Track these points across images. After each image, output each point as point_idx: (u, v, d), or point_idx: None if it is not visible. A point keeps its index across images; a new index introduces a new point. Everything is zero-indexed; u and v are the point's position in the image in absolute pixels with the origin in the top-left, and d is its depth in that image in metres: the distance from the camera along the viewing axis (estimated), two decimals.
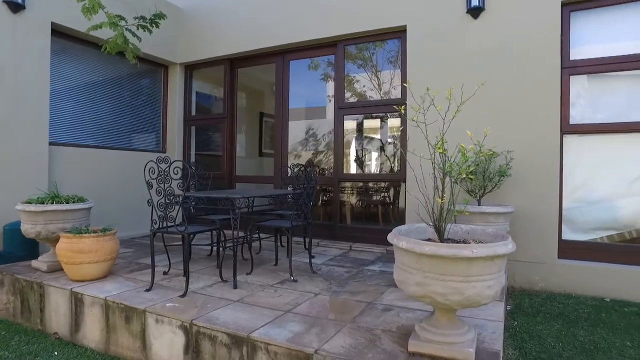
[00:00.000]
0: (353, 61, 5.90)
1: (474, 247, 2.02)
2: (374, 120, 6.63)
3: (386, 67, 5.78)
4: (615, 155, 4.40)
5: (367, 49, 5.84)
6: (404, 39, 5.20)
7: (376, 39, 5.56)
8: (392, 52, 5.64)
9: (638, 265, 4.14)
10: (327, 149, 7.44)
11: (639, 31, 4.31)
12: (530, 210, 4.41)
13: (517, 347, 3.04)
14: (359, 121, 6.55)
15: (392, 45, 5.59)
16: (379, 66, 5.82)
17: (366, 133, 6.86)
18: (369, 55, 5.88)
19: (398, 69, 5.53)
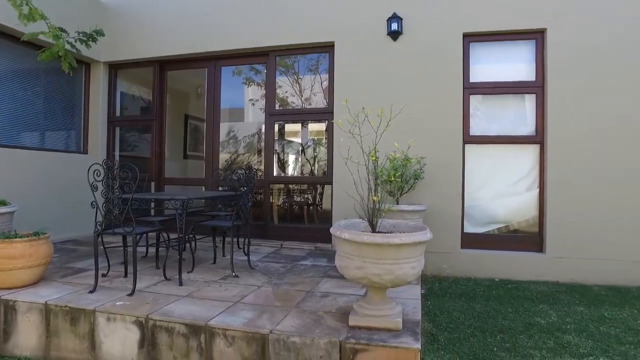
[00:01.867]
0: (284, 71, 6.28)
1: (402, 236, 2.53)
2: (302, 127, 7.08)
3: (315, 78, 6.26)
4: (504, 162, 5.36)
5: (298, 61, 6.27)
6: (332, 53, 5.72)
7: (306, 51, 6.02)
8: (322, 64, 6.13)
9: (517, 251, 5.15)
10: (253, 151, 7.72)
11: (519, 62, 5.33)
12: (439, 208, 5.16)
13: (431, 320, 3.66)
14: (288, 127, 6.96)
15: (321, 59, 6.09)
16: (308, 76, 6.29)
17: (294, 138, 7.28)
18: (299, 66, 6.31)
19: (326, 81, 6.04)
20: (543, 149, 5.11)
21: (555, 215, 4.98)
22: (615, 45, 4.88)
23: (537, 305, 4.08)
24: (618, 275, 4.79)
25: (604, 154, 4.88)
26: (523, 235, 5.27)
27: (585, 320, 3.69)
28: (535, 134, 5.18)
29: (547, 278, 4.94)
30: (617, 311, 3.93)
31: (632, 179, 4.81)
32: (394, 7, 5.36)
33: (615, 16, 4.88)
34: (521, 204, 5.31)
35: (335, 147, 5.50)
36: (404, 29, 5.35)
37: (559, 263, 4.94)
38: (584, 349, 3.14)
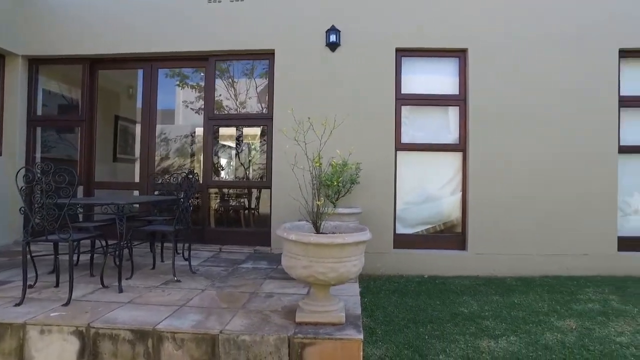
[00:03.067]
0: (224, 75, 6.29)
1: (345, 236, 2.74)
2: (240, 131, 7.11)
3: (254, 83, 6.35)
4: (432, 168, 5.86)
5: (238, 66, 6.32)
6: (272, 60, 5.84)
7: (247, 57, 6.10)
8: (262, 71, 6.24)
9: (444, 249, 5.64)
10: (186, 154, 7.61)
11: (445, 77, 5.85)
12: (373, 210, 5.49)
13: (368, 315, 3.93)
14: (226, 131, 6.95)
15: (262, 65, 6.20)
16: (247, 82, 6.35)
17: (231, 143, 7.28)
18: (240, 72, 6.36)
19: (264, 86, 6.15)
20: (465, 156, 5.66)
21: (476, 217, 5.54)
22: (526, 62, 5.58)
23: (461, 297, 4.53)
24: (526, 268, 5.45)
25: (516, 162, 5.53)
26: (448, 235, 5.78)
27: (500, 307, 4.19)
28: (458, 143, 5.73)
29: (469, 273, 5.47)
30: (524, 297, 4.51)
31: (538, 185, 5.51)
32: (333, 20, 5.64)
33: (526, 37, 5.58)
34: (447, 206, 5.84)
35: (276, 152, 5.63)
36: (342, 41, 5.64)
37: (479, 259, 5.50)
38: (499, 331, 3.59)
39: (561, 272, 5.43)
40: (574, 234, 5.52)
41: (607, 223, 5.57)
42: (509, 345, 3.33)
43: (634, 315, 4.01)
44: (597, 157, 5.59)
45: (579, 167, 5.56)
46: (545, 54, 5.60)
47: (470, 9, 5.66)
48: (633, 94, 5.78)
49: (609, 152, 5.62)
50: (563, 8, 5.64)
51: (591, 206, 5.55)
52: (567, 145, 5.56)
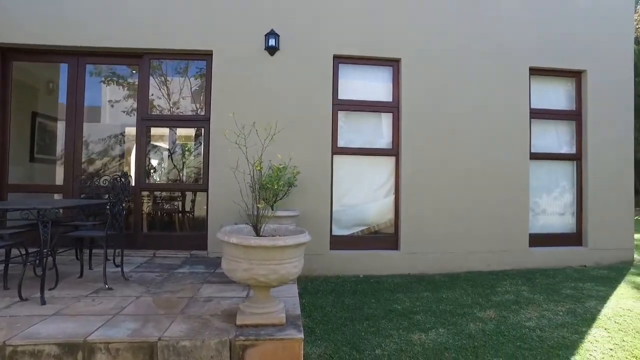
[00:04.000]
0: (156, 74, 6.06)
1: (285, 238, 2.81)
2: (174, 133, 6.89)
3: (191, 84, 6.20)
4: (367, 171, 6.10)
5: (175, 67, 6.13)
6: (210, 62, 5.74)
7: (184, 57, 5.94)
8: (200, 72, 6.11)
9: (378, 250, 5.91)
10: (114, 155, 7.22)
11: (380, 84, 6.14)
12: (310, 213, 5.61)
13: (307, 315, 4.02)
14: (159, 132, 6.71)
15: (199, 66, 6.06)
16: (183, 82, 6.19)
17: (165, 144, 7.04)
18: (176, 72, 6.17)
19: (199, 87, 6.03)
20: (398, 160, 5.98)
21: (407, 218, 5.87)
22: (453, 74, 6.03)
23: (395, 295, 4.78)
24: (452, 265, 5.87)
25: (443, 167, 5.95)
26: (382, 235, 6.06)
27: (429, 302, 4.49)
28: (392, 148, 6.04)
29: (402, 271, 5.77)
30: (451, 292, 4.87)
31: (462, 188, 5.98)
32: (272, 24, 5.68)
33: (453, 51, 6.04)
34: (381, 208, 6.12)
35: (213, 155, 5.55)
36: (281, 45, 5.70)
37: (410, 258, 5.83)
38: (429, 324, 3.86)
39: (483, 268, 5.93)
40: (494, 233, 6.06)
41: (520, 222, 6.19)
42: (437, 337, 3.59)
43: (540, 302, 4.51)
44: (513, 163, 6.20)
45: (497, 171, 6.12)
46: (470, 68, 6.11)
47: (403, 23, 6.00)
48: (540, 107, 6.48)
49: (522, 159, 6.25)
50: (484, 27, 6.19)
51: (508, 207, 6.13)
52: (488, 151, 6.09)
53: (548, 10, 6.40)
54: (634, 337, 3.63)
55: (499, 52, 6.20)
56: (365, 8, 5.97)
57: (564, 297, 4.72)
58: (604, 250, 6.42)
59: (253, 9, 5.76)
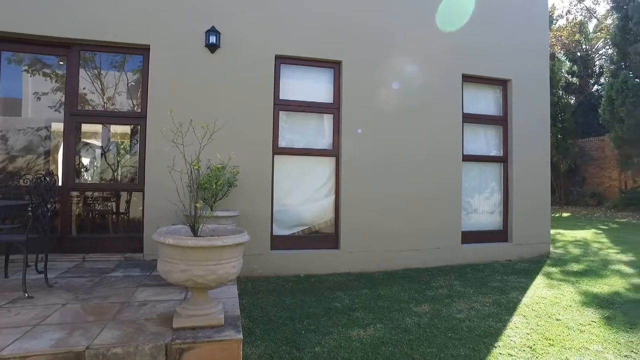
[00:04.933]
0: (89, 66, 5.70)
1: (224, 238, 2.77)
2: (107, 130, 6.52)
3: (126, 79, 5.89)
4: (308, 172, 6.16)
5: (107, 59, 5.78)
6: (147, 56, 5.50)
7: (118, 50, 5.62)
8: (135, 66, 5.82)
9: (319, 249, 5.98)
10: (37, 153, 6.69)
11: (322, 86, 6.23)
12: (251, 213, 5.56)
13: (247, 316, 3.99)
14: (91, 129, 6.31)
15: (135, 60, 5.78)
16: (117, 77, 5.87)
17: (96, 141, 6.64)
18: (109, 65, 5.83)
19: (135, 83, 5.76)
20: (338, 161, 6.09)
21: (347, 218, 6.00)
22: (390, 79, 6.25)
23: (335, 293, 4.87)
24: (391, 262, 6.09)
25: (381, 168, 6.16)
26: (323, 235, 6.14)
27: (368, 300, 4.63)
28: (332, 148, 6.14)
29: (342, 270, 5.89)
30: (389, 289, 5.05)
31: (400, 189, 6.22)
32: (213, 21, 5.57)
33: (390, 55, 6.26)
34: (321, 208, 6.20)
35: (150, 153, 5.33)
36: (222, 43, 5.60)
37: (350, 257, 5.96)
38: (367, 320, 3.98)
39: (419, 265, 6.20)
40: (429, 231, 6.37)
41: (454, 220, 6.56)
42: (375, 332, 3.71)
43: (470, 295, 4.81)
44: (447, 164, 6.55)
45: (433, 173, 6.44)
46: (408, 72, 6.37)
47: (344, 26, 6.13)
48: (472, 112, 6.92)
49: (455, 160, 6.63)
50: (420, 35, 6.48)
51: (442, 206, 6.47)
52: (424, 153, 6.39)
53: (479, 23, 6.84)
54: (546, 322, 4.00)
55: (435, 58, 6.53)
56: (308, 10, 6.03)
57: (491, 289, 5.07)
58: (526, 245, 6.99)
59: (194, 3, 5.61)
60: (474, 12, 6.82)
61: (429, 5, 6.61)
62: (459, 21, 6.71)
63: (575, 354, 3.32)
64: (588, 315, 4.19)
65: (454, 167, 6.62)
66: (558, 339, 3.59)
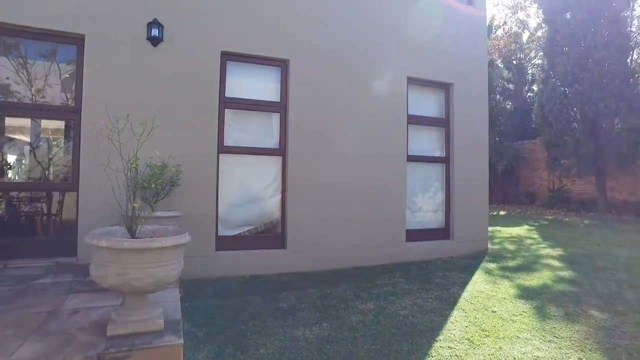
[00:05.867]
0: (12, 55, 5.23)
1: (162, 239, 2.64)
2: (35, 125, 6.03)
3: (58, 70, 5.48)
4: (254, 171, 6.07)
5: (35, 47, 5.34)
6: (82, 47, 5.14)
7: (49, 39, 5.19)
8: (68, 57, 5.42)
9: (265, 249, 5.90)
10: None
11: (269, 84, 6.16)
12: (194, 213, 5.37)
13: (190, 320, 3.85)
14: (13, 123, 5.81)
15: (68, 50, 5.38)
16: (48, 67, 5.44)
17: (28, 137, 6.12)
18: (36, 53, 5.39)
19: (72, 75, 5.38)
20: (285, 160, 6.05)
21: (294, 217, 5.98)
22: (338, 79, 6.30)
23: (281, 293, 4.83)
24: (337, 261, 6.14)
25: (327, 168, 6.19)
26: (269, 235, 6.07)
27: (314, 299, 4.63)
28: (279, 147, 6.09)
29: (289, 270, 5.85)
30: (335, 288, 5.09)
31: (346, 188, 6.29)
32: (156, 13, 5.33)
33: (338, 57, 6.31)
34: (268, 207, 6.14)
35: (85, 151, 5.00)
36: (165, 36, 5.37)
37: (297, 256, 5.94)
38: (313, 320, 3.97)
39: (365, 263, 6.30)
40: (376, 230, 6.49)
41: (399, 219, 6.74)
42: (321, 331, 3.72)
43: (414, 292, 4.96)
44: (393, 164, 6.72)
45: (379, 172, 6.58)
46: (355, 72, 6.47)
47: (293, 24, 6.11)
48: (416, 114, 7.15)
49: (400, 160, 6.81)
50: (367, 38, 6.60)
51: (388, 206, 6.63)
52: (370, 152, 6.52)
53: (424, 29, 7.08)
54: (483, 314, 4.21)
55: (381, 60, 6.68)
56: (256, 7, 5.94)
57: (433, 285, 5.26)
58: (466, 242, 7.33)
59: None
60: (419, 19, 7.05)
61: (378, 9, 6.74)
62: (405, 27, 6.92)
63: (508, 343, 3.51)
64: (520, 306, 4.46)
65: (399, 167, 6.80)
66: (493, 330, 3.78)
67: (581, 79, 13.77)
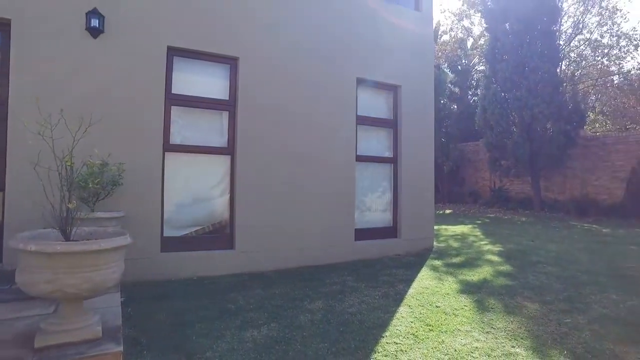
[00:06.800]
0: None
1: (100, 242, 2.51)
2: None
3: None
4: (202, 170, 5.92)
5: None
6: (7, 33, 4.74)
7: None
8: None
9: (213, 250, 5.76)
10: None
11: (217, 81, 6.02)
12: (138, 214, 5.14)
13: (133, 325, 3.68)
14: None
15: None
16: None
17: None
18: None
19: None
20: (234, 159, 5.95)
21: (242, 217, 5.88)
22: (288, 80, 6.29)
23: (229, 295, 4.74)
24: (286, 261, 6.12)
25: (276, 167, 6.16)
26: (217, 235, 5.93)
27: (263, 299, 4.58)
28: (227, 146, 5.97)
29: (238, 271, 5.75)
30: (284, 288, 5.07)
31: (291, 187, 6.29)
32: (96, 2, 5.02)
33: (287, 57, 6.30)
34: (216, 207, 6.00)
35: (12, 148, 4.62)
36: (107, 28, 5.09)
37: (245, 257, 5.85)
38: (262, 320, 3.93)
39: (314, 262, 6.33)
40: (324, 229, 6.54)
41: (348, 218, 6.83)
42: (269, 332, 3.69)
43: (362, 289, 5.05)
44: (342, 164, 6.80)
45: (327, 172, 6.63)
46: (306, 72, 6.48)
47: (243, 22, 6.01)
48: (365, 114, 7.28)
49: (350, 160, 6.91)
50: (318, 38, 6.64)
51: (337, 205, 6.70)
52: (319, 153, 6.55)
53: (372, 31, 7.23)
54: (428, 310, 4.36)
55: (332, 61, 6.74)
56: (206, 3, 5.79)
57: (381, 283, 5.38)
58: (413, 240, 7.57)
59: None
60: (369, 22, 7.20)
61: (329, 12, 6.80)
62: (355, 29, 7.03)
63: (450, 336, 3.67)
64: (462, 300, 4.67)
65: (348, 167, 6.90)
66: (437, 324, 3.94)
67: (519, 85, 14.69)
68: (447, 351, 3.38)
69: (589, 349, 3.44)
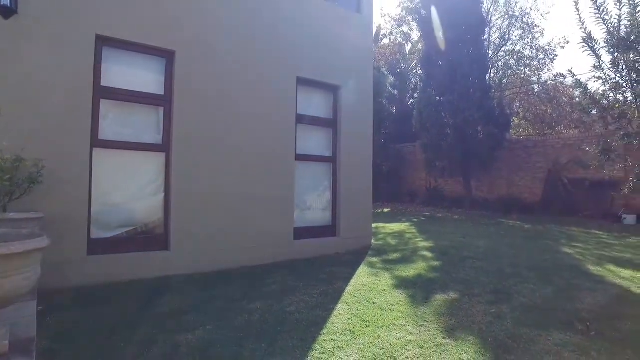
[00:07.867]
0: None
1: (10, 245, 2.27)
2: None
3: None
4: (134, 168, 5.60)
5: None
6: None
7: None
8: None
9: (146, 251, 5.48)
10: None
11: (152, 76, 5.74)
12: (63, 214, 4.76)
13: (51, 336, 3.39)
14: None
15: None
16: None
17: None
18: None
19: None
20: (169, 157, 5.69)
21: (178, 217, 5.65)
22: (229, 78, 6.13)
23: (163, 297, 4.53)
24: (226, 262, 5.96)
25: (215, 165, 6.00)
26: (151, 236, 5.65)
27: (200, 301, 4.44)
28: (162, 143, 5.70)
29: (174, 272, 5.49)
30: (223, 288, 4.94)
31: (234, 186, 6.16)
32: None
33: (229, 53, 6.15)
34: (149, 207, 5.70)
35: None
36: (21, 9, 4.64)
37: (182, 258, 5.62)
38: (198, 323, 3.80)
39: (254, 262, 6.23)
40: (264, 228, 6.46)
41: (287, 217, 6.80)
42: (205, 334, 3.57)
43: (301, 288, 5.05)
44: (281, 163, 6.76)
45: (267, 171, 6.56)
46: (247, 69, 6.36)
47: (180, 14, 5.77)
48: (305, 114, 7.30)
49: (289, 159, 6.88)
50: (257, 35, 6.54)
51: (276, 204, 6.65)
52: (259, 151, 6.46)
53: (313, 31, 7.26)
54: (365, 306, 4.45)
55: (271, 59, 6.67)
56: None
57: (320, 281, 5.41)
58: (352, 239, 7.70)
59: None
60: (310, 22, 7.22)
61: (270, 11, 6.72)
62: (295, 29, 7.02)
63: (386, 331, 3.77)
64: (397, 296, 4.82)
65: (288, 165, 6.87)
66: (373, 320, 4.03)
67: (452, 90, 15.49)
68: (382, 345, 3.47)
69: (509, 335, 3.70)
